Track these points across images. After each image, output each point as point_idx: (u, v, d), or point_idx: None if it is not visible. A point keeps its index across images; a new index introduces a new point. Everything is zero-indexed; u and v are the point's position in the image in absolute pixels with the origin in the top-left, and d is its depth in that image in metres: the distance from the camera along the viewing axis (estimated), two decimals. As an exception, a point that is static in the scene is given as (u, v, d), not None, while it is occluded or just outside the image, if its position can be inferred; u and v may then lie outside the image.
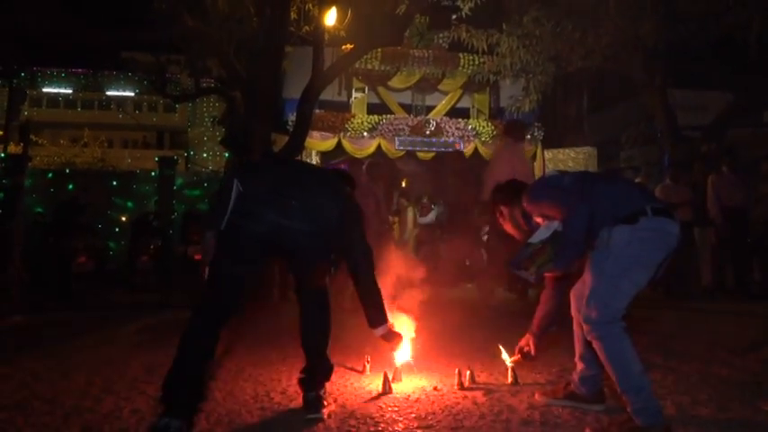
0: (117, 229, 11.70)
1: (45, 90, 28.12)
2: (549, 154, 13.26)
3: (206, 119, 24.26)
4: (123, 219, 11.32)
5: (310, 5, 10.34)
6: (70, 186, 11.77)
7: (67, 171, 12.92)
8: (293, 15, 10.06)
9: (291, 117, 11.58)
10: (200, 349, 2.55)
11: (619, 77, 11.98)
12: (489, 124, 13.70)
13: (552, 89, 11.18)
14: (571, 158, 12.77)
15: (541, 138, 13.57)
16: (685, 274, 7.67)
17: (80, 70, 25.10)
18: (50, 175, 12.28)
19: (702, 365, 3.72)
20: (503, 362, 3.39)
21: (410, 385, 3.21)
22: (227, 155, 11.57)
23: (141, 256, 9.10)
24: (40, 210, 10.48)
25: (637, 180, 9.63)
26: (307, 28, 10.62)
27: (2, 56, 8.44)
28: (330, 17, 9.45)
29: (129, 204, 12.13)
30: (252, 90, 8.86)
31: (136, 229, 9.98)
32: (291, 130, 10.77)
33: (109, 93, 28.42)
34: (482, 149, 13.29)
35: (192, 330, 2.57)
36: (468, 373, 3.28)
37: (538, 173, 13.60)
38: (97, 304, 7.23)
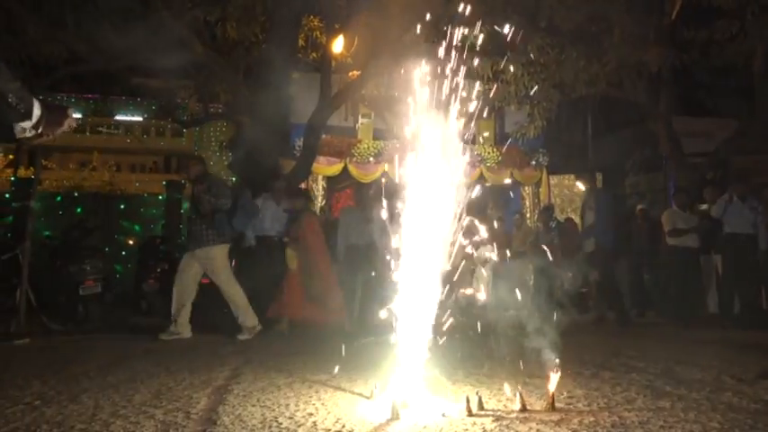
0: (124, 253, 11.74)
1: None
2: (554, 179, 13.31)
3: (213, 143, 24.44)
4: (131, 242, 11.38)
5: (318, 33, 10.51)
6: (78, 209, 11.85)
7: (76, 194, 13.01)
8: (301, 42, 10.23)
9: (298, 142, 11.70)
10: None
11: (624, 104, 12.10)
12: (495, 150, 13.78)
13: (557, 115, 11.30)
14: (576, 184, 12.80)
15: (546, 163, 13.64)
16: (692, 302, 7.65)
17: (90, 95, 25.39)
18: (59, 198, 12.37)
19: (711, 393, 3.70)
20: (510, 387, 3.39)
21: (418, 412, 3.20)
22: (233, 179, 11.66)
23: (148, 280, 9.13)
24: (48, 233, 10.54)
25: (640, 207, 9.66)
26: (314, 55, 10.78)
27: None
28: (337, 44, 9.61)
29: (137, 228, 12.19)
30: (259, 116, 8.99)
31: (143, 252, 10.04)
32: (298, 155, 10.88)
33: (118, 117, 28.75)
34: (487, 175, 13.37)
35: None
36: (476, 398, 3.27)
37: (543, 198, 13.66)
38: (104, 327, 7.25)
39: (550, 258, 8.19)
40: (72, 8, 8.34)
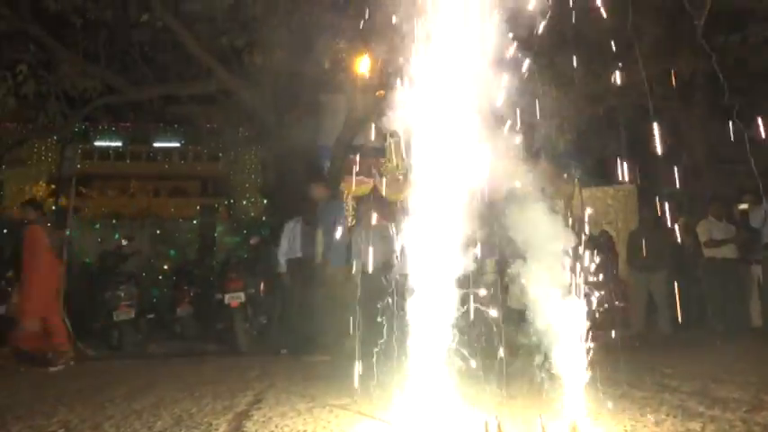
0: (160, 277, 11.97)
1: (96, 144, 29.44)
2: (586, 192, 13.04)
3: (247, 167, 24.87)
4: (165, 267, 11.60)
5: (343, 54, 10.61)
6: (116, 236, 12.15)
7: (114, 221, 13.37)
8: (326, 64, 10.34)
9: (327, 164, 11.78)
10: None
11: (657, 112, 11.82)
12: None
13: (587, 126, 11.09)
14: (610, 196, 12.53)
15: (578, 176, 13.39)
16: (733, 314, 7.38)
17: (128, 124, 26.26)
18: (97, 225, 12.72)
19: (747, 413, 3.53)
20: (531, 413, 3.29)
21: (435, 436, 3.14)
22: (265, 201, 11.82)
23: (182, 304, 9.27)
24: (88, 261, 10.82)
25: (682, 219, 9.36)
26: (340, 76, 10.88)
27: (49, 113, 8.90)
28: (362, 65, 9.68)
29: (172, 252, 12.42)
30: (287, 139, 9.11)
31: (177, 277, 10.23)
32: (327, 176, 10.95)
33: (156, 144, 29.60)
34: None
35: None
36: (496, 423, 3.19)
37: (576, 212, 13.38)
38: (138, 352, 7.38)
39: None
40: (105, 43, 8.63)
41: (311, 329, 6.63)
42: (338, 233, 6.80)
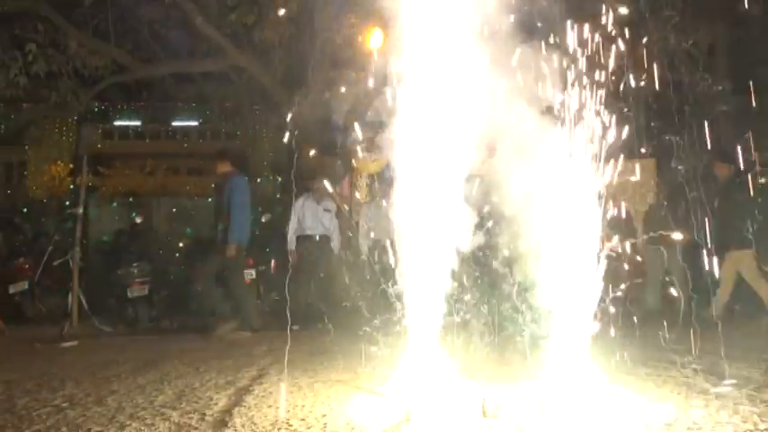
0: (177, 255, 12.09)
1: (116, 123, 29.72)
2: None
3: (266, 144, 24.85)
4: (180, 245, 11.70)
5: (354, 30, 10.48)
6: (133, 214, 12.28)
7: (131, 200, 13.51)
8: (338, 40, 10.22)
9: (339, 140, 11.72)
10: None
11: (679, 84, 11.53)
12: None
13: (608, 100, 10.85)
14: (629, 171, 12.31)
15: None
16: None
17: (142, 103, 26.44)
18: (115, 204, 12.88)
19: (755, 390, 3.45)
20: (532, 389, 3.26)
21: (431, 413, 3.10)
22: (279, 179, 11.83)
23: (196, 281, 9.33)
24: (106, 239, 10.97)
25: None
26: (351, 51, 10.75)
27: (60, 92, 8.97)
28: (374, 40, 9.54)
29: (188, 230, 12.52)
30: (299, 116, 9.05)
31: (191, 254, 10.29)
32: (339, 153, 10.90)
33: (174, 123, 29.80)
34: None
35: None
36: (493, 399, 3.15)
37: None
38: (150, 328, 7.49)
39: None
40: (114, 21, 8.62)
41: (320, 305, 6.66)
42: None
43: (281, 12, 9.21)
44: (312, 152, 8.07)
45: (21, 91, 8.59)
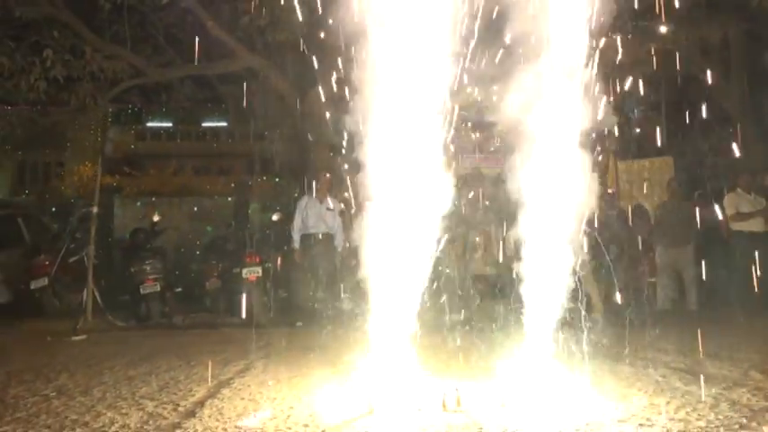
0: (198, 253, 12.38)
1: (149, 125, 30.44)
2: (622, 165, 12.64)
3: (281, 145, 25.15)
4: (198, 243, 11.98)
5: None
6: (154, 213, 12.62)
7: (153, 199, 13.88)
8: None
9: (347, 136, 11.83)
10: None
11: (696, 81, 11.31)
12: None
13: (623, 98, 10.74)
14: (646, 169, 12.12)
15: (614, 148, 12.98)
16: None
17: (177, 105, 26.95)
18: (138, 203, 13.26)
19: (726, 390, 3.44)
20: (495, 384, 3.32)
21: (393, 406, 3.19)
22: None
23: (211, 278, 9.55)
24: (125, 236, 11.30)
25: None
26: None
27: (79, 96, 9.31)
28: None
29: (209, 229, 12.81)
30: (308, 114, 9.21)
31: (207, 251, 10.54)
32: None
33: (204, 124, 30.35)
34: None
35: None
36: (454, 393, 3.22)
37: (611, 184, 13.00)
38: (161, 324, 7.71)
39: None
40: (130, 26, 8.88)
41: (319, 302, 6.78)
42: None
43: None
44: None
45: (42, 95, 8.92)
